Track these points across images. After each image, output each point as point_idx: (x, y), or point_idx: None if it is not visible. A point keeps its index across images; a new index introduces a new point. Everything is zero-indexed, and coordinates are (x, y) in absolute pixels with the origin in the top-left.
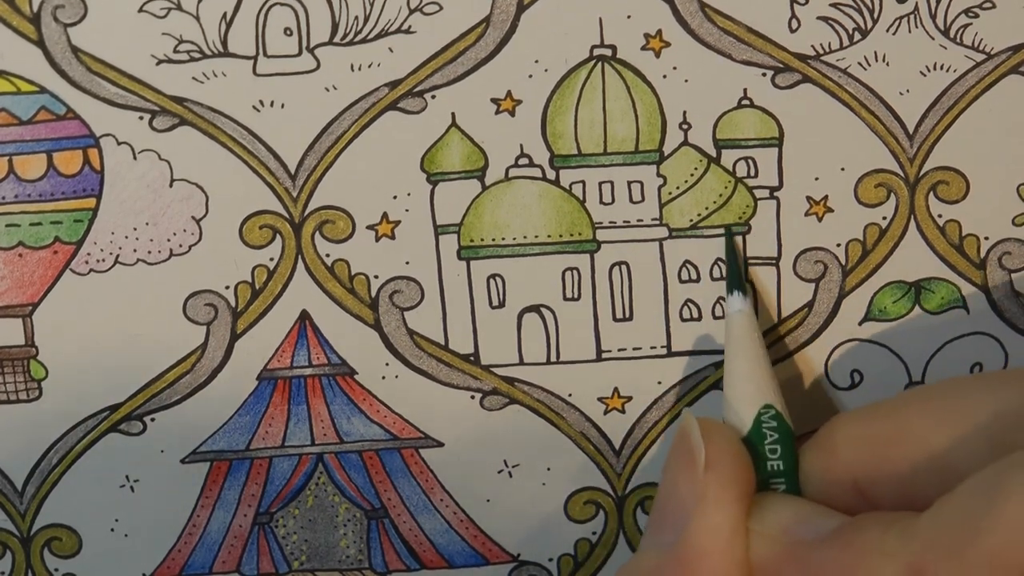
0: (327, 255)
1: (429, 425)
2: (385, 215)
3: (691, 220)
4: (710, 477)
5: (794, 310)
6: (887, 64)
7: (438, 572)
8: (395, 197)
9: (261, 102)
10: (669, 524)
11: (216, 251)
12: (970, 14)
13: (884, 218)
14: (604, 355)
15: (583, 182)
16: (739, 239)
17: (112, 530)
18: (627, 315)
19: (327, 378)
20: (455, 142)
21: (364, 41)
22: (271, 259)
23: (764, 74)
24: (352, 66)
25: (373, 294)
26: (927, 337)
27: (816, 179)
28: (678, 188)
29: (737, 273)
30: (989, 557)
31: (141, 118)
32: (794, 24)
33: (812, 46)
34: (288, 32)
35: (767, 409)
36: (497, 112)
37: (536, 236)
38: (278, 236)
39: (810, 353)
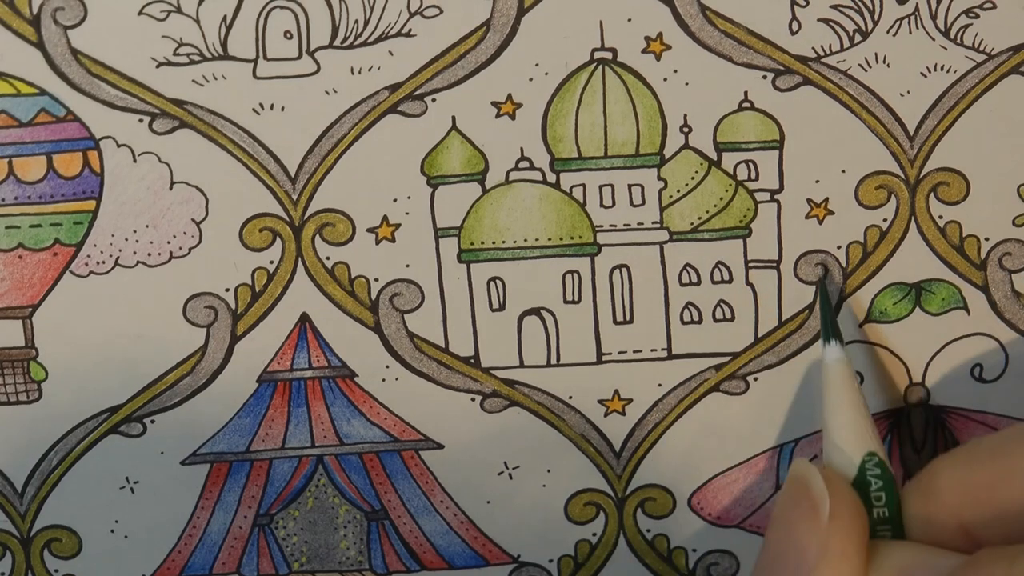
0: (327, 258)
1: (429, 427)
2: (385, 218)
3: (692, 223)
4: (834, 527)
5: (795, 313)
6: (887, 65)
7: (438, 573)
8: (395, 200)
9: (261, 105)
10: (787, 573)
11: (216, 254)
12: (970, 15)
13: (885, 220)
14: (604, 358)
15: (584, 185)
16: (831, 288)
17: (112, 531)
18: (627, 318)
19: (327, 380)
20: (455, 145)
21: (364, 44)
22: (271, 262)
23: (765, 76)
24: (352, 69)
25: (373, 297)
26: (928, 338)
27: (817, 181)
28: (679, 191)
29: (832, 322)
30: None
31: (141, 120)
32: (794, 26)
33: (813, 48)
34: (288, 35)
35: (871, 456)
36: (497, 115)
37: (536, 239)
38: (278, 239)
39: (811, 356)
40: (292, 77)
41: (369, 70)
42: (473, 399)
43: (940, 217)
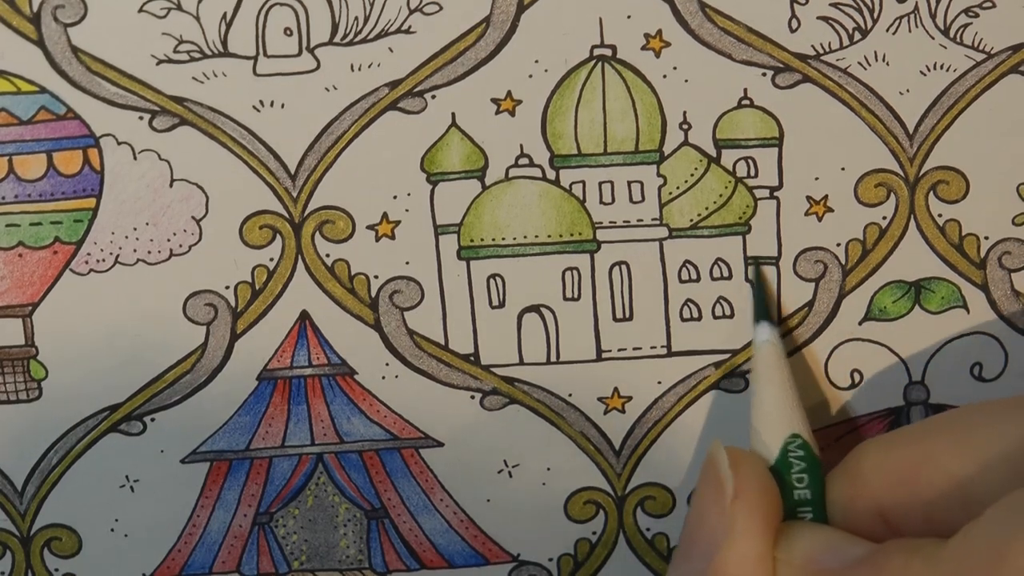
0: (327, 255)
1: (429, 425)
2: (385, 215)
3: (691, 220)
4: (738, 507)
5: (794, 310)
6: (887, 64)
7: (438, 572)
8: (395, 197)
9: (261, 102)
10: (697, 553)
11: (216, 251)
12: (970, 14)
13: (884, 218)
14: (604, 355)
15: (583, 182)
16: (769, 269)
17: (112, 530)
18: (627, 315)
19: (327, 378)
20: (455, 142)
21: (364, 41)
22: (271, 259)
23: (764, 74)
24: (352, 66)
25: (373, 294)
26: (927, 337)
27: (816, 179)
28: (678, 188)
29: (764, 303)
30: None
31: (141, 118)
32: (794, 24)
33: (812, 46)
34: (288, 32)
35: (794, 439)
36: (497, 112)
37: (536, 236)
38: (278, 236)
39: (810, 353)
40: (292, 74)
41: (369, 67)
42: (473, 397)
43: (939, 215)
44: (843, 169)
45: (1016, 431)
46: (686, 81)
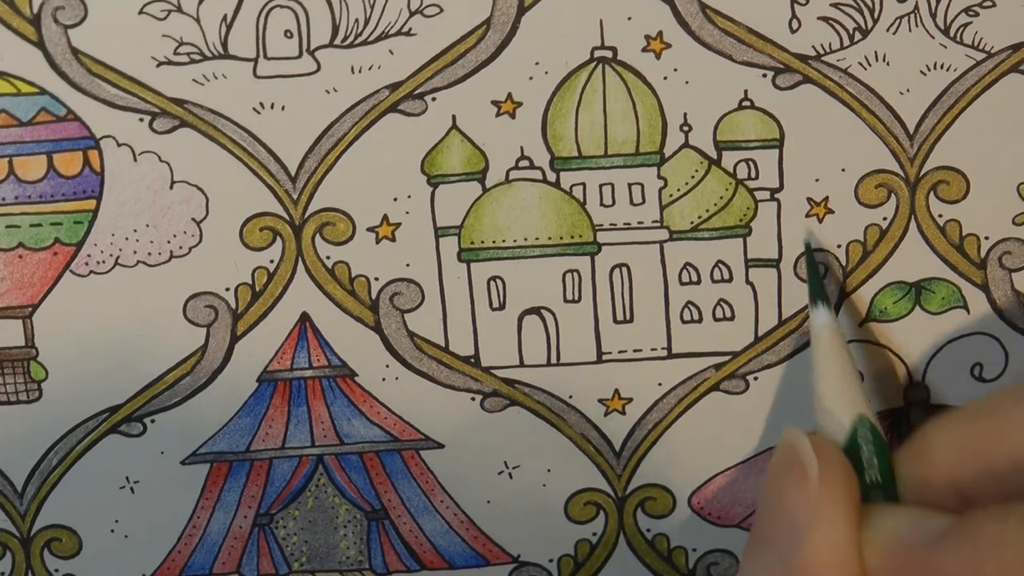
0: (327, 257)
1: (429, 427)
2: (385, 217)
3: (692, 222)
4: (824, 492)
5: (795, 312)
6: (887, 64)
7: (438, 573)
8: (395, 199)
9: (261, 104)
10: (780, 541)
11: (216, 253)
12: (970, 13)
13: (885, 219)
14: (604, 357)
15: (584, 184)
16: (819, 254)
17: (112, 531)
18: (628, 317)
19: (327, 380)
20: (455, 144)
21: (364, 43)
22: (271, 261)
23: (765, 75)
24: (352, 68)
25: (373, 296)
26: (928, 337)
27: (817, 180)
28: (679, 190)
29: (821, 286)
30: None
31: (141, 120)
32: (794, 24)
33: (812, 46)
34: (288, 34)
35: (862, 421)
36: (498, 114)
37: (536, 238)
38: (278, 238)
39: (811, 355)
40: (292, 76)
41: (369, 69)
42: (473, 399)
43: (940, 216)
44: (843, 170)
45: None
46: (687, 83)
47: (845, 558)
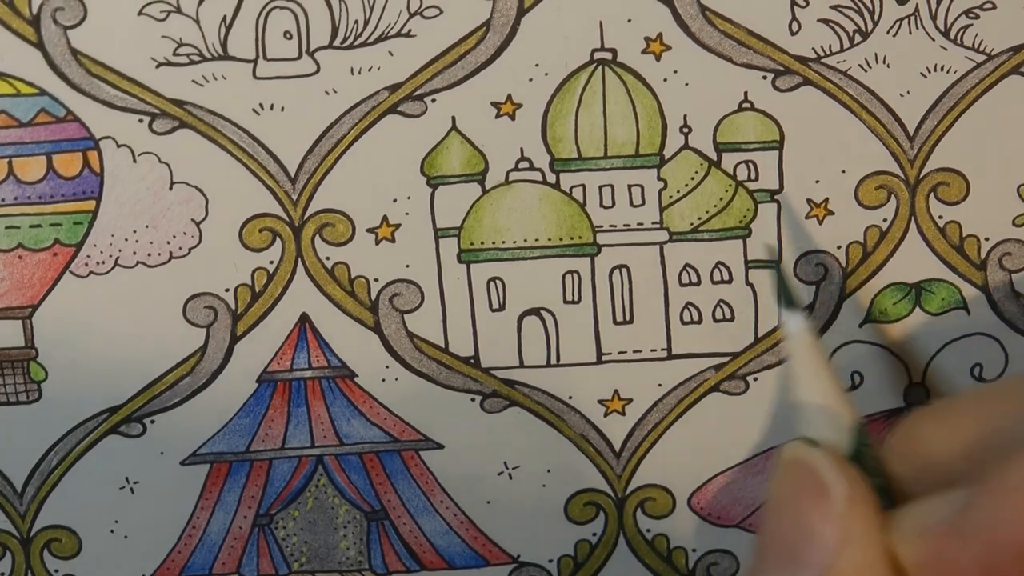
0: (327, 258)
1: (429, 427)
2: (385, 218)
3: (692, 224)
4: (853, 515)
5: None
6: (887, 66)
7: (438, 573)
8: (395, 200)
9: (261, 105)
10: (799, 566)
11: (216, 254)
12: (970, 15)
13: (885, 220)
14: (604, 358)
15: (583, 185)
16: (785, 264)
17: (112, 531)
18: (627, 318)
19: (327, 380)
20: (455, 146)
21: (364, 45)
22: (271, 262)
23: (764, 77)
24: (352, 69)
25: (373, 297)
26: (928, 338)
27: (817, 182)
28: (679, 192)
29: (792, 293)
30: None
31: (141, 121)
32: (794, 27)
33: (812, 48)
34: (288, 35)
35: (860, 426)
36: (497, 116)
37: (536, 239)
38: (278, 239)
39: None
40: (292, 77)
41: (369, 70)
42: (473, 399)
43: (940, 217)
44: (843, 172)
45: None
46: (686, 84)
47: None
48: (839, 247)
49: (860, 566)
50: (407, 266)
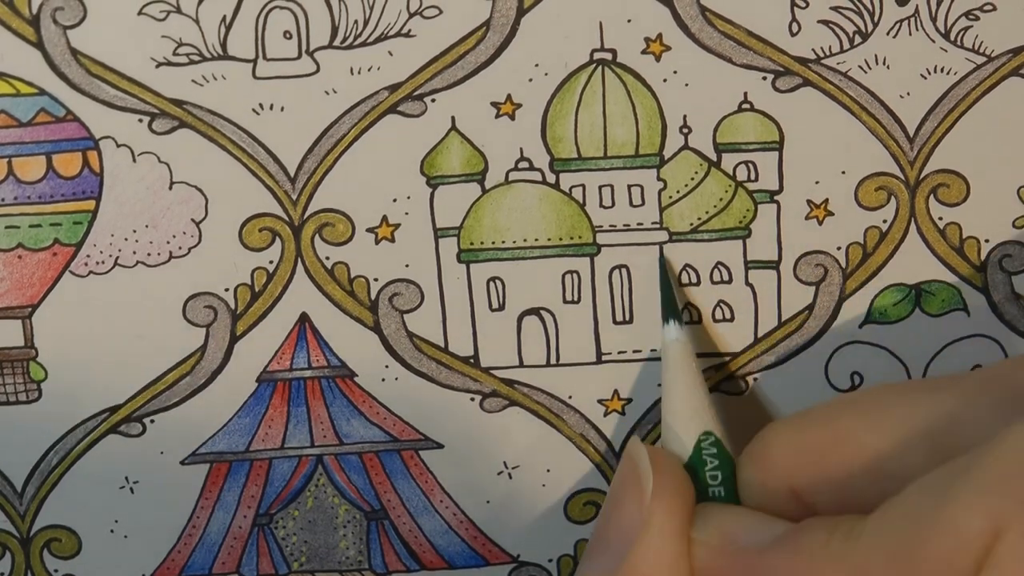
0: (327, 258)
1: (429, 427)
2: (385, 218)
3: (691, 224)
4: (656, 504)
5: (794, 313)
6: (887, 67)
7: (438, 573)
8: (395, 200)
9: (261, 105)
10: (612, 548)
11: (216, 253)
12: (970, 17)
13: (884, 221)
14: (604, 357)
15: (583, 186)
16: (670, 262)
17: (112, 531)
18: (627, 318)
19: (327, 380)
20: (455, 145)
21: (364, 44)
22: (271, 262)
23: (764, 78)
24: (352, 69)
25: (373, 297)
26: (928, 340)
27: (816, 182)
28: (678, 192)
29: (672, 301)
30: (935, 561)
31: (140, 120)
32: (794, 28)
33: (812, 49)
34: (288, 35)
35: (707, 436)
36: (497, 116)
37: (536, 239)
38: (278, 239)
39: (810, 356)
40: (292, 77)
41: (369, 70)
42: (472, 399)
43: (940, 219)
44: (843, 173)
45: (929, 407)
46: (686, 85)
47: (672, 570)
48: (839, 248)
49: (657, 554)
50: (407, 266)
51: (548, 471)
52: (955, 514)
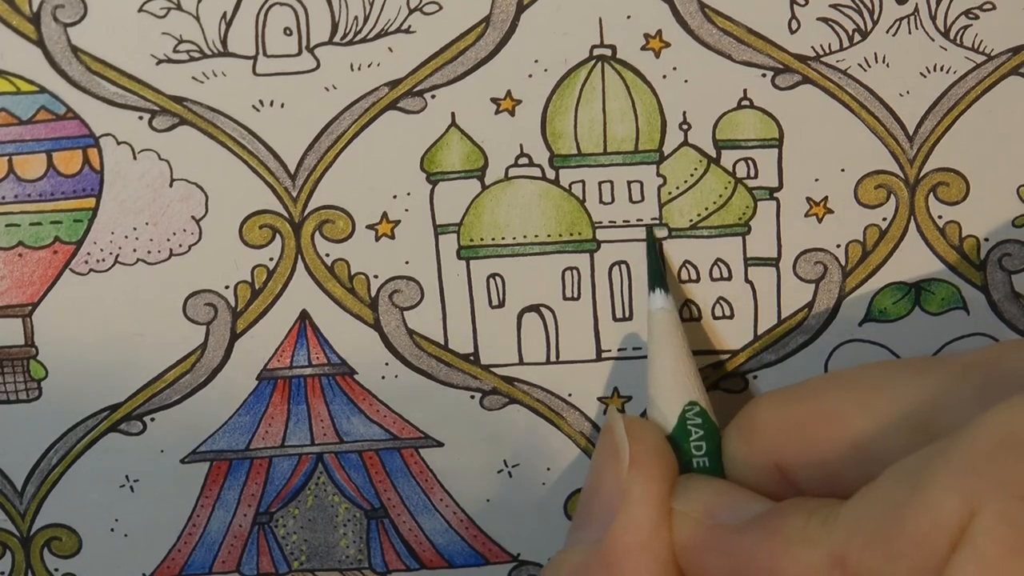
0: (327, 255)
1: (429, 425)
2: (385, 215)
3: (691, 220)
4: (634, 474)
5: (794, 311)
6: (887, 65)
7: (438, 572)
8: (395, 197)
9: (261, 102)
10: (593, 521)
11: (216, 251)
12: (970, 15)
13: (884, 219)
14: (604, 355)
15: (583, 182)
16: (660, 230)
17: (112, 530)
18: (627, 315)
19: (327, 378)
20: (455, 142)
21: (364, 41)
22: (271, 259)
23: (764, 75)
24: (352, 66)
25: (373, 294)
26: (927, 338)
27: (816, 180)
28: (678, 188)
29: (658, 271)
30: (911, 546)
31: (141, 118)
32: (794, 25)
33: (812, 47)
34: (288, 32)
35: (691, 406)
36: (497, 112)
37: (536, 236)
38: (278, 236)
39: (810, 354)
40: (292, 74)
41: (369, 66)
42: (473, 396)
43: (940, 217)
44: (843, 170)
45: (915, 389)
46: (686, 81)
47: (651, 541)
48: (838, 246)
49: (633, 526)
50: (407, 263)
51: (548, 469)
52: (930, 496)
